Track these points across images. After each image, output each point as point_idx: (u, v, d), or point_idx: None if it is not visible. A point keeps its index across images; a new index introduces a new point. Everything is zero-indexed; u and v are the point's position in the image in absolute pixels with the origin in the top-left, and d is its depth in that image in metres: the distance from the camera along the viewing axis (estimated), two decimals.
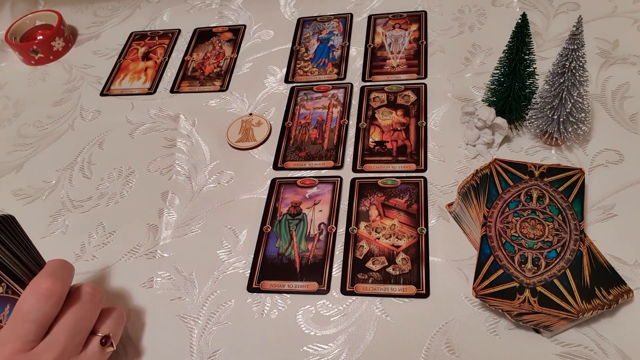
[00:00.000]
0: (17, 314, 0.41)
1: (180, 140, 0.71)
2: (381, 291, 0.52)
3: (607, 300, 0.45)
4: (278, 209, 0.61)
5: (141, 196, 0.65)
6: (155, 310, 0.55)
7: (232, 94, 0.75)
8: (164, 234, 0.61)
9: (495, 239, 0.48)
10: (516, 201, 0.50)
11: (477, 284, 0.46)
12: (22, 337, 0.40)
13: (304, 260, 0.56)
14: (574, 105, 0.54)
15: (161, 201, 0.64)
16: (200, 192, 0.64)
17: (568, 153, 0.59)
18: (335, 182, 0.62)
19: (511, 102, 0.60)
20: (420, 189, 0.59)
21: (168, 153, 0.69)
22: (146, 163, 0.69)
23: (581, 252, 0.46)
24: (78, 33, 0.92)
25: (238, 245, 0.58)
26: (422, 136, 0.64)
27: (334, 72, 0.75)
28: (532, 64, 0.57)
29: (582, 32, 0.49)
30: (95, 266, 0.59)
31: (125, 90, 0.80)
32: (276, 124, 0.70)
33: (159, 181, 0.66)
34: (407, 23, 0.78)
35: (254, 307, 0.53)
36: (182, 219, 0.62)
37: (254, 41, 0.82)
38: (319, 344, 0.50)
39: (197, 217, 0.62)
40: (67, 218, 0.65)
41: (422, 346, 0.48)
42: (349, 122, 0.68)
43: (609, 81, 0.64)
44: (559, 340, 0.46)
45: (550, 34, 0.71)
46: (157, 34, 0.88)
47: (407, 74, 0.72)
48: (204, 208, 0.62)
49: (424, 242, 0.55)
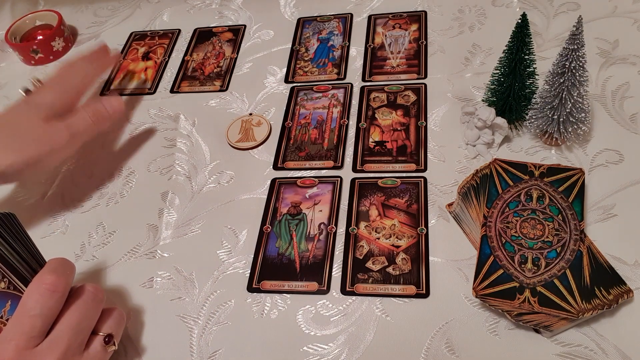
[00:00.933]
0: (21, 310, 0.41)
1: (180, 140, 0.71)
2: (381, 291, 0.52)
3: (607, 300, 0.45)
4: (278, 209, 0.61)
5: (141, 196, 0.65)
6: (155, 310, 0.55)
7: (232, 94, 0.75)
8: (164, 234, 0.61)
9: (495, 239, 0.48)
10: (516, 201, 0.50)
11: (477, 284, 0.46)
12: (26, 333, 0.41)
13: (304, 260, 0.56)
14: (574, 105, 0.54)
15: (161, 201, 0.64)
16: (200, 192, 0.64)
17: (568, 153, 0.59)
18: (335, 182, 0.62)
19: (511, 102, 0.60)
20: (420, 189, 0.59)
21: (168, 153, 0.69)
22: (146, 163, 0.69)
23: (581, 252, 0.46)
24: (78, 33, 0.92)
25: (238, 245, 0.58)
26: (422, 136, 0.64)
27: (334, 72, 0.75)
28: (532, 64, 0.57)
29: (582, 32, 0.49)
30: (95, 266, 0.59)
31: (125, 90, 0.80)
32: (276, 124, 0.70)
33: (159, 181, 0.66)
34: (407, 23, 0.78)
35: (254, 307, 0.53)
36: (182, 219, 0.62)
37: (254, 41, 0.82)
38: (319, 344, 0.50)
39: (197, 217, 0.62)
40: (67, 218, 0.65)
41: (422, 346, 0.48)
42: (349, 122, 0.68)
43: (609, 81, 0.64)
44: (559, 340, 0.46)
45: (550, 34, 0.71)
46: (157, 34, 0.88)
47: (407, 74, 0.72)
48: (204, 208, 0.62)
49: (424, 242, 0.55)
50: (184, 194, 0.64)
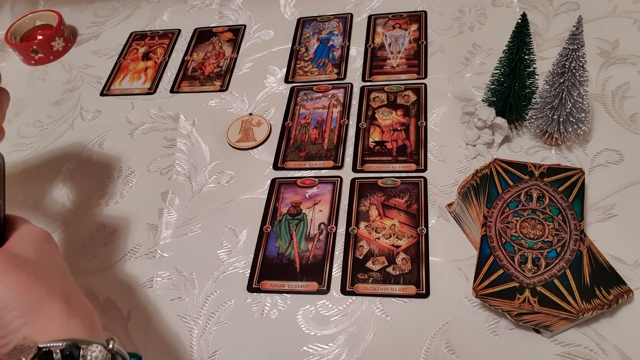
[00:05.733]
0: None
1: (180, 140, 0.71)
2: (381, 291, 0.52)
3: (607, 300, 0.45)
4: (278, 209, 0.61)
5: (141, 196, 0.65)
6: (155, 310, 0.55)
7: (232, 94, 0.75)
8: (164, 233, 0.61)
9: (495, 239, 0.48)
10: (516, 201, 0.50)
11: (477, 284, 0.46)
12: None
13: (304, 260, 0.56)
14: (574, 105, 0.54)
15: (161, 201, 0.64)
16: (200, 192, 0.64)
17: (568, 153, 0.59)
18: (335, 182, 0.62)
19: (511, 102, 0.60)
20: (420, 189, 0.59)
21: (168, 153, 0.69)
22: (146, 163, 0.69)
23: (581, 252, 0.46)
24: (78, 33, 0.92)
25: (238, 245, 0.58)
26: (422, 136, 0.64)
27: (334, 72, 0.75)
28: (532, 64, 0.57)
29: (582, 32, 0.50)
30: (96, 266, 0.59)
31: (125, 90, 0.80)
32: (276, 124, 0.70)
33: (159, 181, 0.66)
34: (407, 23, 0.78)
35: (254, 307, 0.53)
36: (182, 219, 0.62)
37: (254, 41, 0.82)
38: (319, 344, 0.50)
39: (197, 217, 0.62)
40: (67, 218, 0.65)
41: (422, 346, 0.48)
42: (349, 122, 0.68)
43: (609, 81, 0.64)
44: (559, 340, 0.46)
45: (550, 34, 0.71)
46: (157, 34, 0.88)
47: (407, 74, 0.72)
48: (204, 208, 0.62)
49: (424, 242, 0.55)
50: (184, 194, 0.64)
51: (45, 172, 0.71)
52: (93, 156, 0.72)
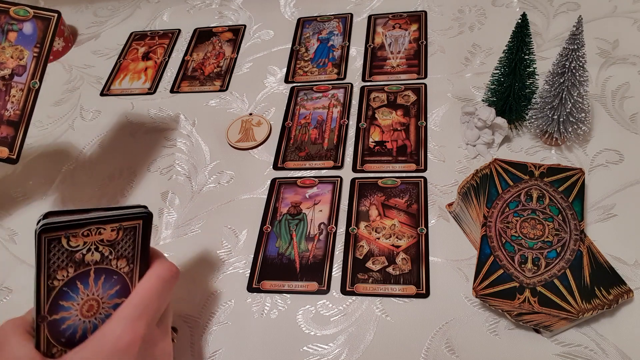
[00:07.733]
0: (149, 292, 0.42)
1: (180, 140, 0.71)
2: (381, 291, 0.52)
3: (607, 300, 0.45)
4: (278, 209, 0.61)
5: (141, 196, 0.65)
6: None
7: (232, 94, 0.75)
8: (164, 233, 0.61)
9: (495, 239, 0.48)
10: (516, 201, 0.50)
11: (477, 284, 0.46)
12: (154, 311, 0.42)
13: (304, 260, 0.56)
14: (574, 105, 0.54)
15: (161, 201, 0.64)
16: (200, 192, 0.64)
17: (568, 153, 0.59)
18: (335, 182, 0.62)
19: (511, 102, 0.60)
20: (420, 189, 0.59)
21: (168, 153, 0.69)
22: (146, 163, 0.69)
23: (581, 252, 0.46)
24: (78, 33, 0.92)
25: (238, 245, 0.58)
26: (422, 136, 0.64)
27: (334, 72, 0.75)
28: (532, 64, 0.57)
29: (582, 32, 0.50)
30: None
31: (125, 90, 0.80)
32: (276, 124, 0.70)
33: (159, 181, 0.66)
34: (407, 23, 0.78)
35: (254, 307, 0.53)
36: (182, 219, 0.62)
37: (254, 41, 0.82)
38: (319, 344, 0.50)
39: (197, 217, 0.62)
40: None
41: (422, 346, 0.48)
42: (349, 122, 0.68)
43: (609, 81, 0.64)
44: (559, 340, 0.46)
45: (550, 34, 0.71)
46: (157, 34, 0.88)
47: (407, 74, 0.72)
48: (204, 208, 0.62)
49: (424, 242, 0.55)
50: (184, 194, 0.64)
51: (45, 172, 0.71)
52: (93, 156, 0.72)
